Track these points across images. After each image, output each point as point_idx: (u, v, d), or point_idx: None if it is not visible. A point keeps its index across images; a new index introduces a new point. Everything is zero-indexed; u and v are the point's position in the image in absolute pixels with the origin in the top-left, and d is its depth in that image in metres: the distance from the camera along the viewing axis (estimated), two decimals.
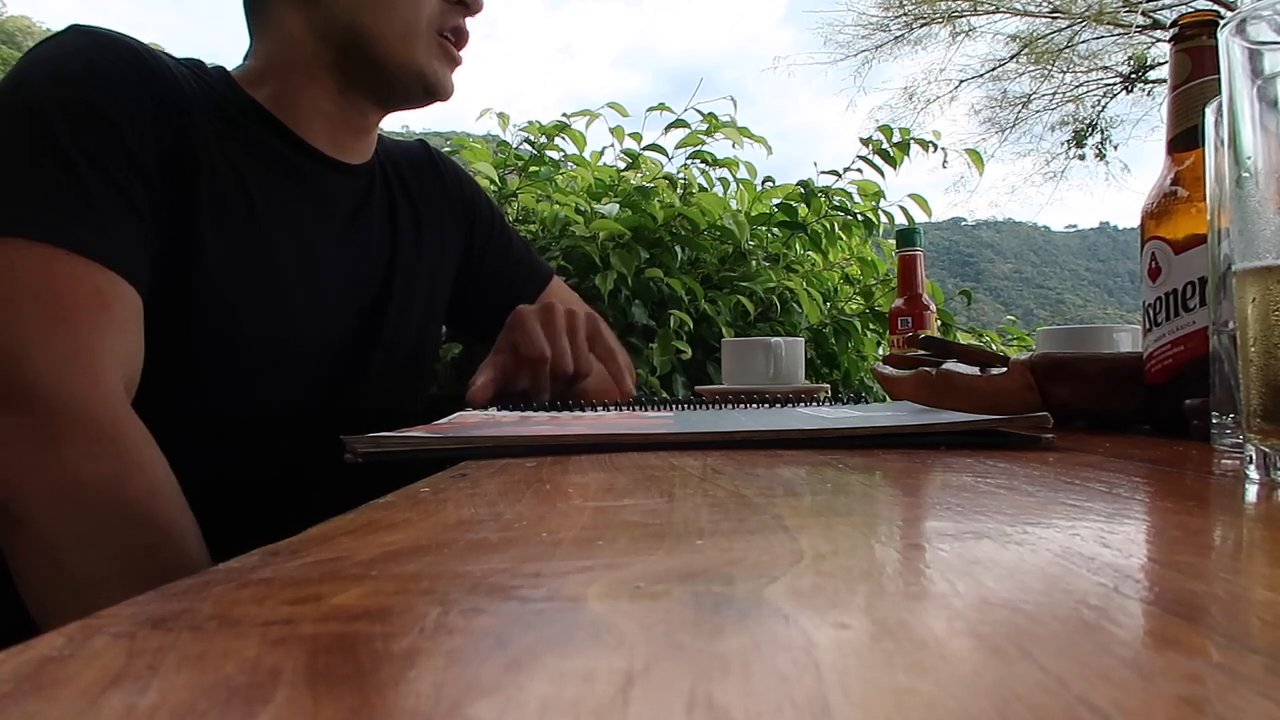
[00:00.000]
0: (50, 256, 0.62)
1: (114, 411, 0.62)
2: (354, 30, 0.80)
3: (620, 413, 0.75)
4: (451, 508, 0.33)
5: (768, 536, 0.26)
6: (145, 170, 0.68)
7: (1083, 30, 12.82)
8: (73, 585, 0.58)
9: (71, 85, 0.67)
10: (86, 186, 0.65)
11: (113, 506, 0.59)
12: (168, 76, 0.72)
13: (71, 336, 0.61)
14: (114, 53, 0.70)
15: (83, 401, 0.60)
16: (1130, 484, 0.37)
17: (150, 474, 0.62)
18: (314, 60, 0.81)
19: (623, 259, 1.71)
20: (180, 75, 0.74)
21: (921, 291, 1.29)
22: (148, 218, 0.68)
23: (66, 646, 0.16)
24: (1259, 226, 0.38)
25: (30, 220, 0.62)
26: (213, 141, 0.74)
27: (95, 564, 0.58)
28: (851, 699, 0.13)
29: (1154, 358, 0.63)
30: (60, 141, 0.65)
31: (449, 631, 0.17)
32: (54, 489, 0.58)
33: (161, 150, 0.69)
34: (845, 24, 14.12)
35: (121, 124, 0.67)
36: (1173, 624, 0.17)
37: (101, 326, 0.63)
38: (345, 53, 0.81)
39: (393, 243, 0.89)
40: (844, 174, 2.07)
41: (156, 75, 0.71)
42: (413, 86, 0.83)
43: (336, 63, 0.81)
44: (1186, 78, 0.63)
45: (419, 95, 0.84)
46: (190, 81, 0.75)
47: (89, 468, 0.59)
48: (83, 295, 0.63)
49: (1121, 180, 15.02)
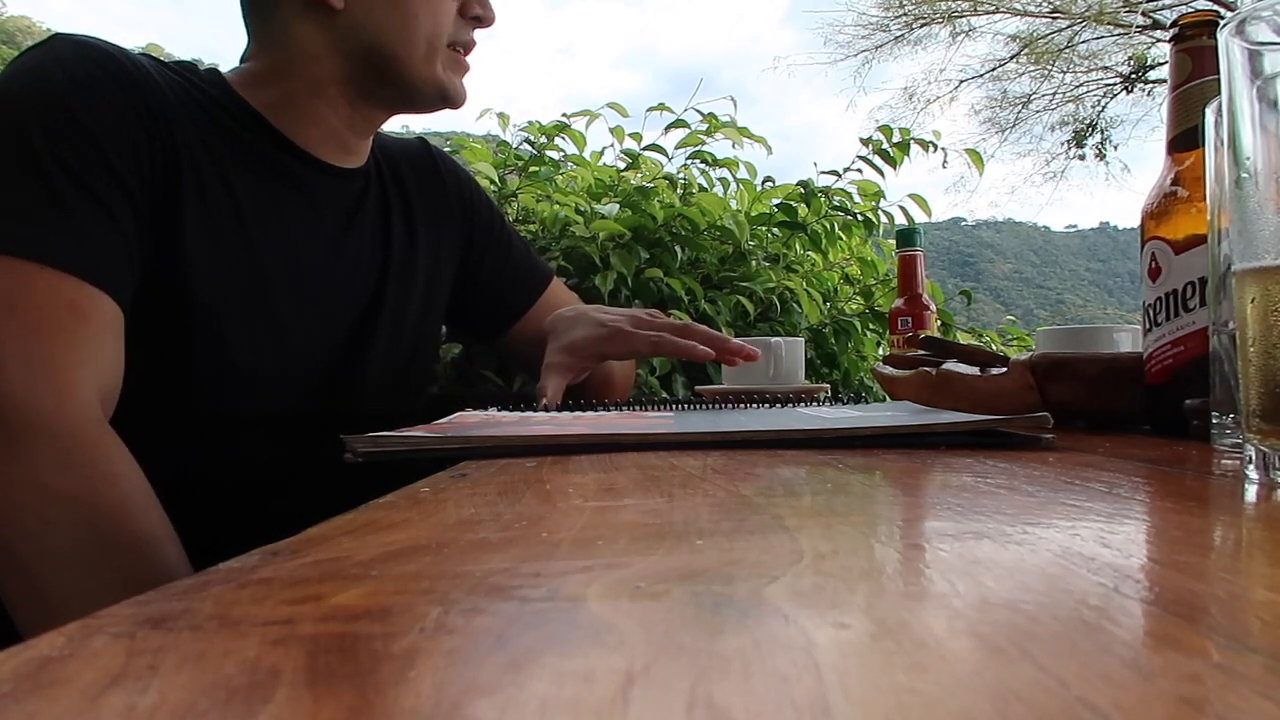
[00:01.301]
0: (26, 271, 0.62)
1: (85, 425, 0.62)
2: (377, 50, 0.81)
3: (620, 413, 0.75)
4: (451, 508, 0.33)
5: (768, 536, 0.26)
6: (126, 181, 0.68)
7: (1083, 30, 12.82)
8: (46, 598, 0.58)
9: (51, 98, 0.67)
10: (65, 200, 0.65)
11: (84, 519, 0.59)
12: (151, 85, 0.72)
13: (45, 351, 0.61)
14: (95, 63, 0.70)
15: (53, 415, 0.60)
16: (1130, 484, 0.37)
17: (122, 486, 0.62)
18: (325, 72, 0.81)
19: (623, 259, 1.71)
20: (165, 82, 0.74)
21: (921, 291, 1.29)
22: (131, 228, 0.68)
23: (66, 646, 0.16)
24: (1258, 227, 0.38)
25: (6, 235, 0.63)
26: (198, 148, 0.74)
27: (68, 577, 0.58)
28: (851, 699, 0.13)
29: (1154, 358, 0.63)
30: (39, 155, 0.65)
31: (449, 631, 0.17)
32: (23, 502, 0.59)
33: (143, 160, 0.69)
34: (845, 24, 14.12)
35: (102, 135, 0.67)
36: (1172, 624, 0.17)
37: (77, 340, 0.63)
38: (364, 69, 0.82)
39: (387, 245, 0.89)
40: (844, 174, 2.07)
41: (138, 84, 0.71)
42: (431, 98, 0.85)
43: (353, 77, 0.82)
44: (1186, 78, 0.63)
45: (435, 104, 0.86)
46: (177, 88, 0.75)
47: (59, 481, 0.59)
48: (59, 309, 0.63)
49: (1121, 180, 15.02)
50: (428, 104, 0.86)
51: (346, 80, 0.82)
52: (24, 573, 0.59)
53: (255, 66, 0.82)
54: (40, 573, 0.58)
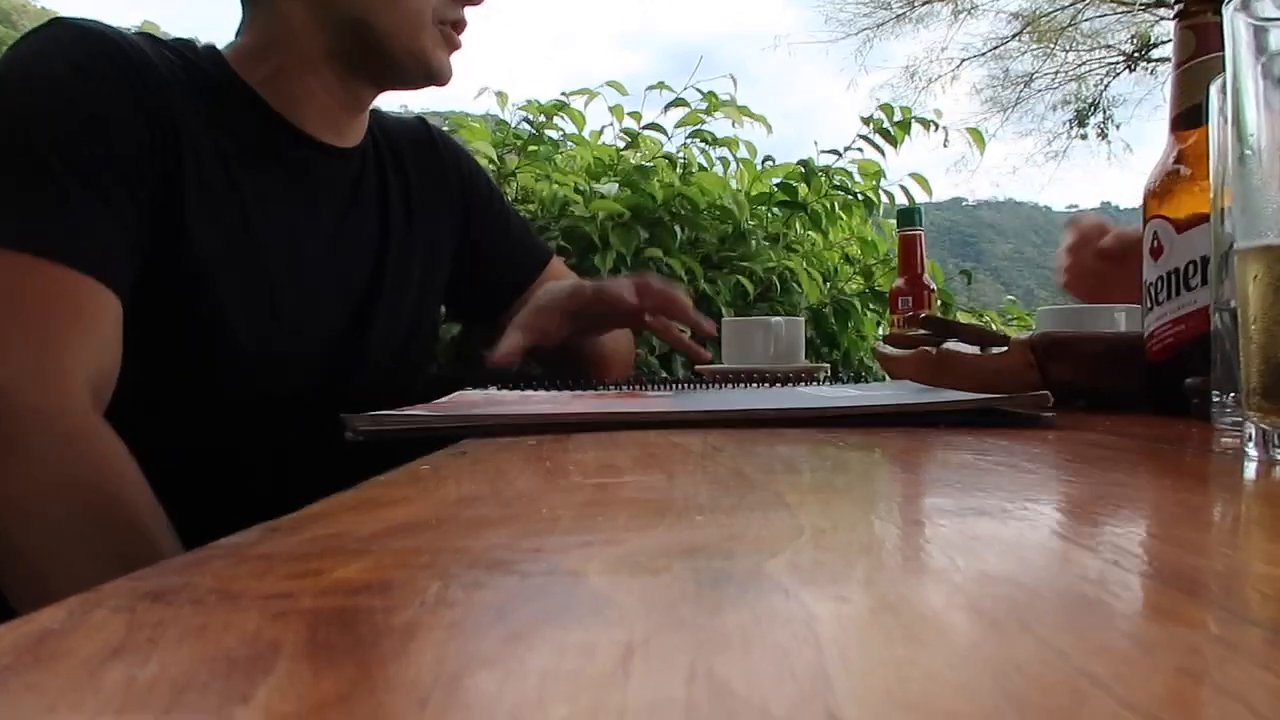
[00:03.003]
0: (22, 263, 0.62)
1: (77, 415, 0.62)
2: (362, 23, 0.80)
3: (620, 392, 0.75)
4: (452, 485, 0.33)
5: (768, 513, 0.26)
6: (127, 169, 0.68)
7: (1085, 8, 12.73)
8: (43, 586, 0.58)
9: (51, 86, 0.67)
10: (63, 191, 0.65)
11: (76, 509, 0.59)
12: (151, 69, 0.71)
13: (39, 342, 0.61)
14: (96, 48, 0.69)
15: (45, 407, 0.60)
16: (1130, 462, 0.37)
17: (114, 475, 0.62)
18: (313, 47, 0.81)
19: (622, 239, 1.71)
20: (164, 65, 0.73)
21: (922, 271, 1.29)
22: (132, 217, 0.68)
23: (67, 620, 0.16)
24: (1261, 205, 0.37)
25: (5, 228, 0.63)
26: (198, 131, 0.73)
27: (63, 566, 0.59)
28: (852, 671, 0.13)
29: (1155, 336, 0.63)
30: (38, 146, 0.65)
31: (449, 605, 0.17)
32: (15, 493, 0.59)
33: (144, 146, 0.69)
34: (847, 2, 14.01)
35: (102, 123, 0.67)
36: (1172, 598, 0.17)
37: (72, 332, 0.63)
38: (350, 42, 0.81)
39: (385, 224, 0.89)
40: (844, 153, 2.06)
41: (139, 69, 0.70)
42: (415, 73, 0.84)
43: (339, 51, 0.81)
44: (1191, 55, 0.62)
45: (419, 80, 0.85)
46: (176, 69, 0.74)
47: (50, 471, 0.59)
48: (55, 301, 0.63)
49: (1124, 160, 14.95)
50: (412, 79, 0.85)
51: (334, 54, 0.82)
52: (20, 562, 0.59)
53: (248, 41, 0.82)
54: (37, 562, 0.59)
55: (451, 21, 0.84)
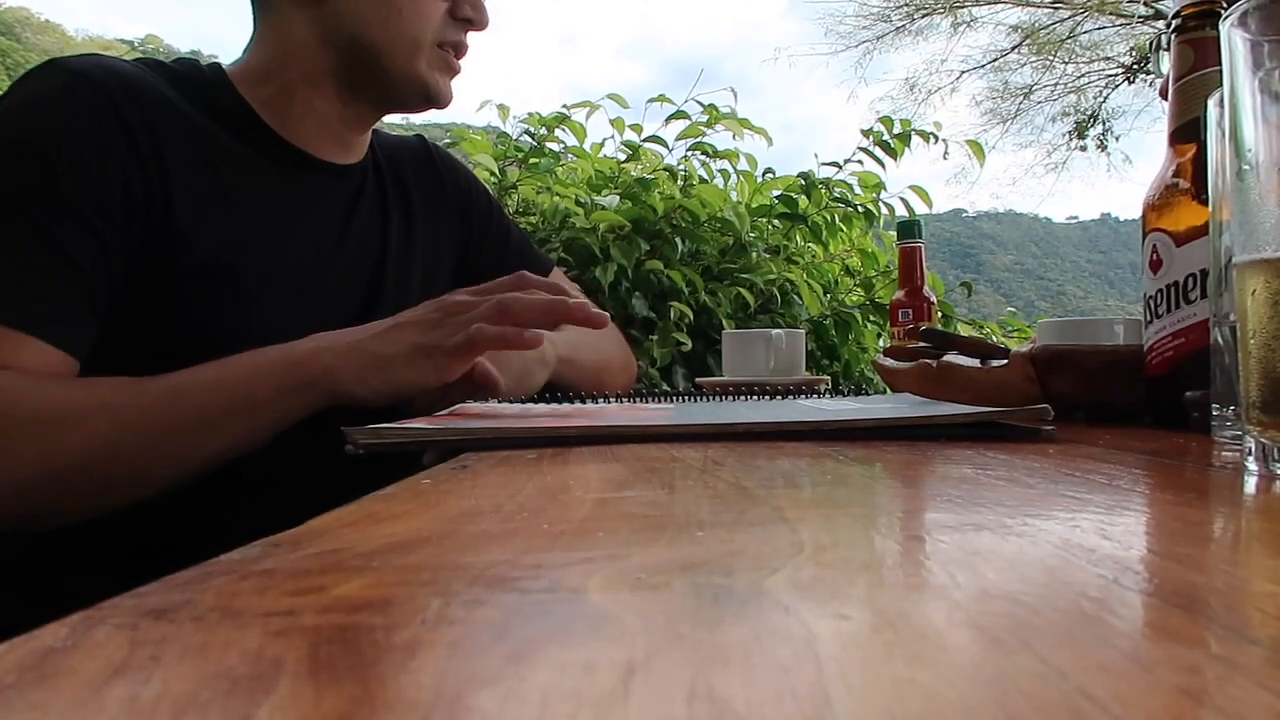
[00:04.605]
0: None
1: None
2: (360, 41, 0.81)
3: (620, 405, 0.75)
4: (453, 499, 0.33)
5: (768, 528, 0.26)
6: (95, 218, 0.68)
7: (1085, 21, 12.78)
8: None
9: (21, 138, 0.68)
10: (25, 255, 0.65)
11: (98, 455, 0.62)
12: (136, 102, 0.72)
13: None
14: (75, 94, 0.70)
15: None
16: (1130, 476, 0.37)
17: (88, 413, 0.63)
18: (316, 65, 0.82)
19: (623, 251, 1.71)
20: (158, 91, 0.74)
21: (922, 283, 1.29)
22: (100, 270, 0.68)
23: (69, 637, 0.17)
24: (1260, 219, 0.38)
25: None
26: (191, 155, 0.74)
27: None
28: (852, 690, 0.13)
29: (1155, 350, 0.63)
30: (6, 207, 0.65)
31: (450, 622, 0.17)
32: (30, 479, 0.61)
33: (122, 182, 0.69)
34: (846, 14, 14.08)
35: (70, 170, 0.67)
36: (1172, 615, 0.17)
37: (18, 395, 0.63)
38: (350, 61, 0.82)
39: (385, 238, 0.89)
40: (844, 165, 2.07)
41: (119, 106, 0.71)
42: (413, 96, 0.85)
43: (339, 70, 0.82)
44: (1189, 69, 0.63)
45: (418, 103, 0.86)
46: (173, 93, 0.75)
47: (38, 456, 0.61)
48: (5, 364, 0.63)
49: (1123, 171, 15.00)
50: (411, 102, 0.86)
51: (336, 74, 0.83)
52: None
53: (254, 60, 0.83)
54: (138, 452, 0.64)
55: (453, 44, 0.85)
